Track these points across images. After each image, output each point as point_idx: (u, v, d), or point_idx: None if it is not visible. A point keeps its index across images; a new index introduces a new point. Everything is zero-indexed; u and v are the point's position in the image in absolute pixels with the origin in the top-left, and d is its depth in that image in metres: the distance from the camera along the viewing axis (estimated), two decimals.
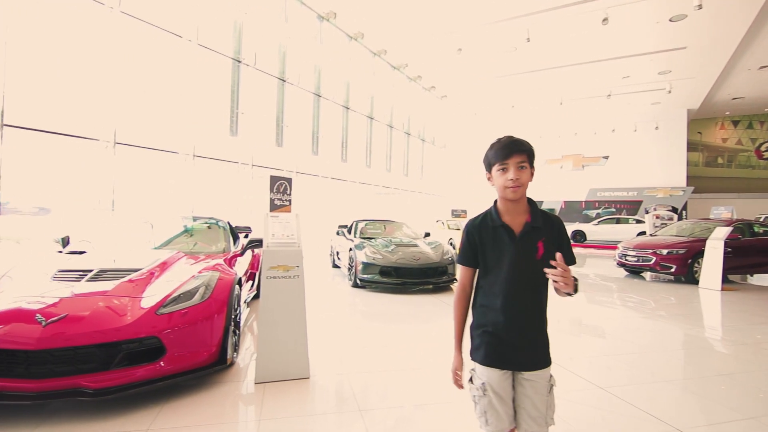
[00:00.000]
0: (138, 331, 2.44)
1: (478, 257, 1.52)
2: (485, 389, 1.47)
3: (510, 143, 1.45)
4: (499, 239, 1.48)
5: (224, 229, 4.73)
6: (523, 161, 1.43)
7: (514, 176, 1.42)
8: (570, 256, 1.46)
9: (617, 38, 11.83)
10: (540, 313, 1.50)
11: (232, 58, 9.33)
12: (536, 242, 1.44)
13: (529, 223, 1.46)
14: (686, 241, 8.83)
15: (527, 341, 1.46)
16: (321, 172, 12.23)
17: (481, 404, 1.48)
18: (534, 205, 1.50)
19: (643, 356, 3.79)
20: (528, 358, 1.46)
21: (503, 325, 1.45)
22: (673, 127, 19.65)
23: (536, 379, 1.45)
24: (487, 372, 1.47)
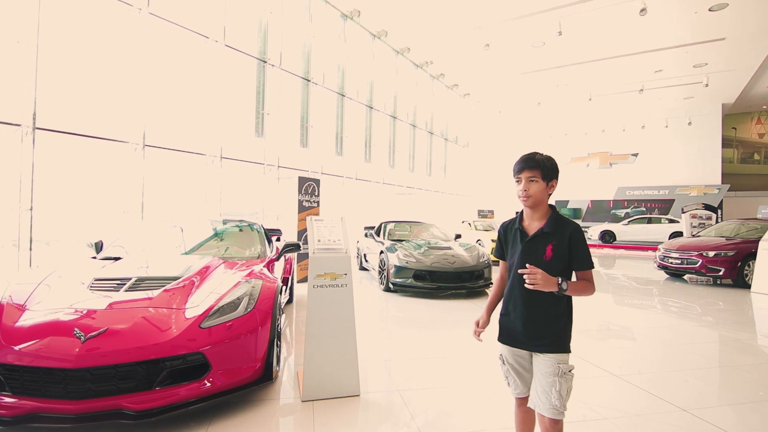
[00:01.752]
0: (182, 347, 2.25)
1: (505, 253, 1.85)
2: (503, 360, 1.83)
3: (525, 159, 1.71)
4: (515, 240, 1.77)
5: (259, 232, 4.54)
6: (533, 176, 1.68)
7: (524, 188, 1.69)
8: (583, 260, 1.66)
9: (652, 30, 11.30)
10: (547, 306, 1.66)
11: (257, 58, 9.22)
12: (545, 246, 1.67)
13: (541, 229, 1.69)
14: (735, 243, 8.31)
15: (530, 327, 1.68)
16: (345, 172, 12.05)
17: (503, 370, 1.84)
18: (554, 212, 1.72)
19: (712, 372, 3.44)
20: (531, 341, 1.69)
21: (512, 311, 1.74)
22: (707, 123, 18.84)
23: (543, 360, 1.67)
24: (501, 347, 1.82)
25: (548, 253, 1.65)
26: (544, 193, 1.69)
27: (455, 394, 2.91)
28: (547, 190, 1.69)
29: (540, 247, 1.67)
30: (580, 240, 1.67)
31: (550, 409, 1.62)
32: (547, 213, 1.72)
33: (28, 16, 5.53)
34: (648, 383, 3.13)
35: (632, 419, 2.55)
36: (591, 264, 1.67)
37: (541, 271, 1.58)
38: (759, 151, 20.83)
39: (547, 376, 1.64)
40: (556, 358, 1.64)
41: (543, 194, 1.69)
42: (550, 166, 1.70)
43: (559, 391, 1.61)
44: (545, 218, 1.71)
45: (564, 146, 21.69)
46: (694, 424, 2.51)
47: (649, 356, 3.87)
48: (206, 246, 4.25)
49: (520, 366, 1.76)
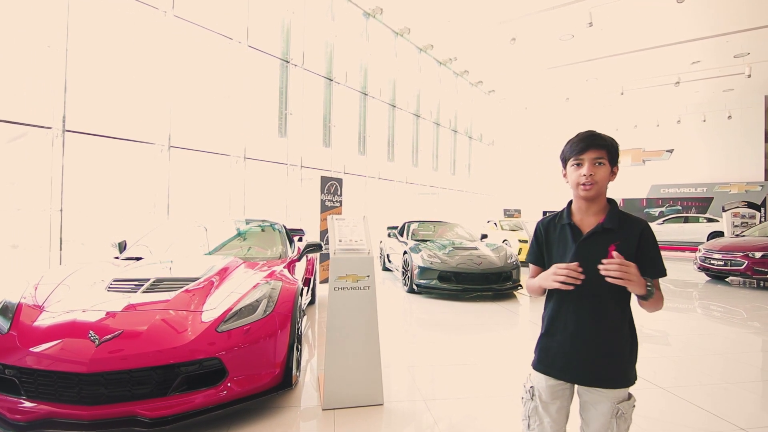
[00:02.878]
0: (198, 352, 2.15)
1: (544, 256, 1.48)
2: (533, 394, 1.44)
3: (588, 136, 1.37)
4: (564, 239, 1.41)
5: (280, 232, 4.47)
6: (600, 157, 1.34)
7: (588, 172, 1.33)
8: (657, 265, 1.33)
9: (689, 19, 10.70)
10: (614, 325, 1.34)
11: (280, 58, 9.21)
12: (607, 245, 1.30)
13: (600, 224, 1.35)
14: None
15: (590, 353, 1.34)
16: (368, 172, 11.93)
17: (526, 407, 1.46)
18: (614, 205, 1.40)
19: None
20: (585, 372, 1.35)
21: (562, 330, 1.39)
22: (748, 116, 17.80)
23: (598, 397, 1.34)
24: (537, 378, 1.44)
25: (610, 255, 1.29)
26: (608, 180, 1.36)
27: (486, 405, 2.72)
28: (610, 177, 1.37)
29: (600, 248, 1.31)
30: (653, 240, 1.34)
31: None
32: (606, 207, 1.39)
33: (57, 21, 5.64)
34: (701, 398, 2.86)
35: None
36: (665, 270, 1.34)
37: (634, 265, 1.23)
38: None
39: (602, 417, 1.33)
40: (615, 395, 1.33)
41: (607, 182, 1.36)
42: (617, 146, 1.38)
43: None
44: (604, 213, 1.37)
45: None
46: None
47: (698, 367, 3.56)
48: (228, 246, 4.20)
49: (555, 406, 1.41)
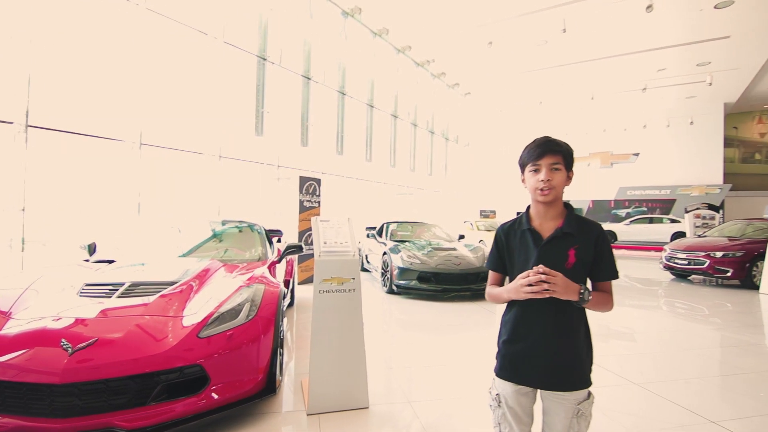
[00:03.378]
0: (179, 359, 2.08)
1: (506, 262, 1.48)
2: (500, 401, 1.45)
3: (544, 142, 1.39)
4: (525, 244, 1.42)
5: (260, 233, 4.37)
6: (556, 162, 1.36)
7: (546, 177, 1.35)
8: (610, 268, 1.38)
9: (657, 28, 11.17)
10: (571, 329, 1.36)
11: (257, 55, 9.04)
12: (566, 250, 1.35)
13: (560, 228, 1.37)
14: (742, 243, 8.17)
15: (548, 358, 1.36)
16: (346, 172, 11.88)
17: (496, 415, 1.47)
18: (571, 209, 1.42)
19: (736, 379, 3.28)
20: (547, 376, 1.37)
21: (523, 336, 1.40)
22: (708, 122, 18.72)
23: (559, 400, 1.36)
24: (502, 384, 1.45)
25: (571, 259, 1.34)
26: (564, 185, 1.38)
27: (471, 405, 2.75)
28: (566, 182, 1.39)
29: (560, 252, 1.35)
30: (607, 243, 1.38)
31: None
32: (563, 211, 1.41)
33: (22, 11, 5.35)
34: (672, 393, 2.97)
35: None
36: (617, 273, 1.39)
37: (560, 274, 1.27)
38: (760, 151, 20.73)
39: (562, 418, 1.36)
40: (575, 397, 1.36)
41: (563, 186, 1.39)
42: (571, 152, 1.41)
43: None
44: (562, 217, 1.40)
45: None
46: None
47: (668, 363, 3.71)
48: (205, 248, 4.08)
49: (523, 410, 1.43)
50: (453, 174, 19.08)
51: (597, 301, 1.33)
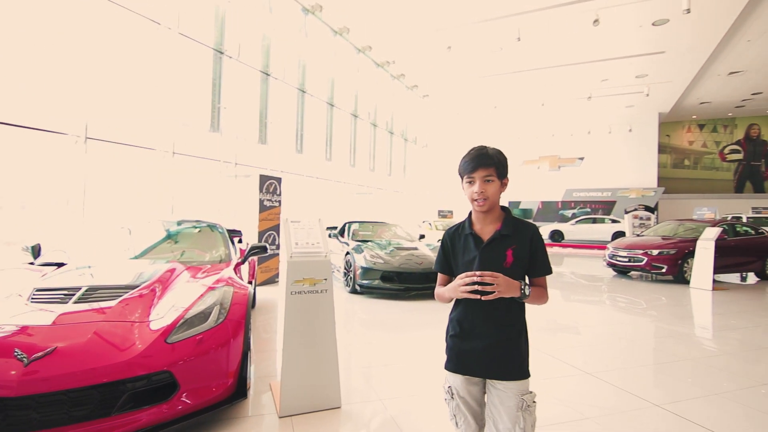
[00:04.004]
0: (146, 366, 1.99)
1: (452, 265, 1.57)
2: (452, 393, 1.54)
3: (477, 156, 1.46)
4: (468, 247, 1.51)
5: (222, 234, 4.24)
6: (489, 175, 1.45)
7: (479, 189, 1.45)
8: (543, 265, 1.48)
9: (602, 41, 11.94)
10: (509, 323, 1.47)
11: (213, 49, 8.71)
12: (504, 250, 1.46)
13: (498, 231, 1.47)
14: (675, 242, 8.94)
15: (491, 350, 1.46)
16: (305, 171, 11.72)
17: (450, 407, 1.55)
18: (508, 213, 1.53)
19: (673, 366, 3.62)
20: (491, 366, 1.46)
21: (467, 331, 1.49)
22: (645, 130, 20.26)
23: (504, 390, 1.45)
24: (452, 377, 1.53)
25: (509, 258, 1.44)
26: (499, 193, 1.48)
27: (438, 400, 2.83)
28: (501, 189, 1.49)
29: (500, 252, 1.45)
30: (541, 243, 1.50)
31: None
32: (501, 215, 1.52)
33: None
34: (619, 380, 3.23)
35: (612, 417, 2.60)
36: (550, 269, 1.50)
37: (502, 275, 1.37)
38: (689, 157, 22.70)
39: (510, 411, 1.43)
40: (519, 388, 1.44)
41: (498, 194, 1.48)
42: (504, 161, 1.49)
43: (523, 429, 1.42)
44: (500, 220, 1.51)
45: (517, 149, 22.51)
46: (668, 418, 2.60)
47: (614, 353, 4.01)
48: (163, 249, 3.91)
49: (474, 400, 1.52)
50: (412, 174, 19.36)
51: (534, 295, 1.44)
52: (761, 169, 20.95)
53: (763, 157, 20.91)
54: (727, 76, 15.18)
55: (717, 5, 9.69)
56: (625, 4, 9.67)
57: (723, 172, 21.92)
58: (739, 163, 21.46)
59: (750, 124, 21.15)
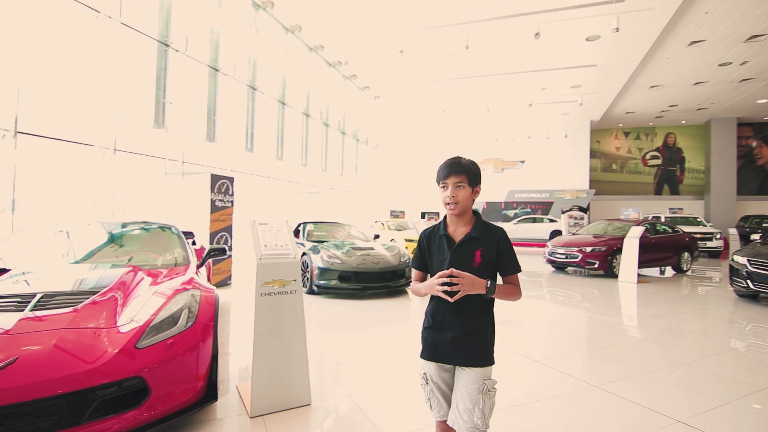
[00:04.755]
0: (117, 372, 1.96)
1: (427, 263, 1.73)
2: (427, 378, 1.70)
3: (451, 165, 1.64)
4: (441, 247, 1.66)
5: (178, 236, 4.12)
6: (460, 181, 1.61)
7: (451, 194, 1.61)
8: (511, 264, 1.63)
9: (541, 52, 12.76)
10: (477, 315, 1.61)
11: (158, 41, 8.29)
12: (474, 251, 1.60)
13: (468, 234, 1.62)
14: (605, 240, 9.81)
15: (459, 339, 1.60)
16: (256, 170, 11.46)
17: (425, 391, 1.72)
18: (478, 218, 1.67)
19: (608, 351, 4.05)
20: (458, 354, 1.60)
21: (439, 323, 1.64)
22: (578, 136, 21.84)
23: (469, 375, 1.59)
24: (427, 365, 1.70)
25: (477, 259, 1.59)
26: (470, 199, 1.63)
27: (402, 392, 2.99)
28: (472, 196, 1.64)
29: (469, 253, 1.59)
30: (508, 244, 1.64)
31: (471, 428, 1.56)
32: (473, 218, 1.66)
33: None
34: (562, 365, 3.57)
35: (558, 398, 2.89)
36: (519, 267, 1.64)
37: (466, 274, 1.50)
38: (616, 162, 24.76)
39: (472, 393, 1.57)
40: (481, 374, 1.59)
41: (470, 200, 1.63)
42: (475, 170, 1.65)
43: (482, 409, 1.56)
44: (471, 224, 1.65)
45: (463, 152, 22.94)
46: (604, 397, 2.93)
47: (556, 341, 4.40)
48: (114, 252, 3.74)
49: (445, 384, 1.67)
50: (364, 175, 19.50)
51: (503, 292, 1.59)
52: (676, 173, 23.36)
53: (678, 163, 23.33)
54: (648, 89, 16.77)
55: (641, 26, 10.73)
56: (563, 20, 10.44)
57: (645, 175, 24.13)
58: (658, 167, 23.75)
59: (667, 133, 23.51)
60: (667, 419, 2.61)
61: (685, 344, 4.42)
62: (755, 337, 4.73)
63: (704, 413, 2.71)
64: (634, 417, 2.65)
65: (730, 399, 2.95)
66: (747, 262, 6.45)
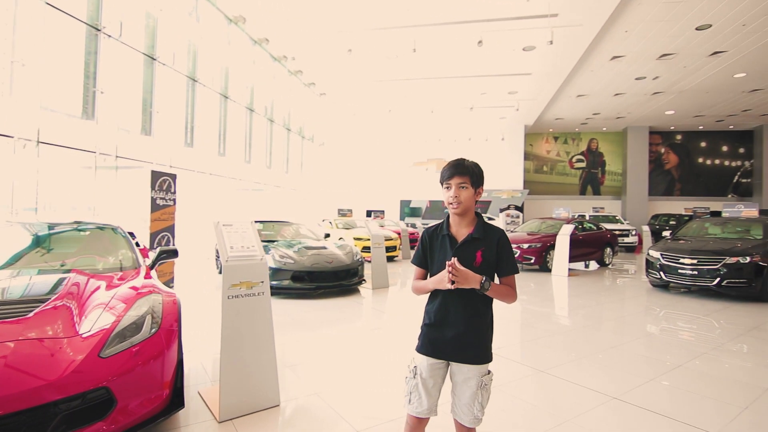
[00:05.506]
0: (81, 383, 1.85)
1: (428, 261, 1.76)
2: (415, 372, 1.70)
3: (454, 166, 1.68)
4: (444, 246, 1.70)
5: (125, 237, 3.87)
6: (464, 182, 1.65)
7: (454, 194, 1.65)
8: (509, 265, 1.67)
9: (483, 59, 13.41)
10: (480, 315, 1.65)
11: (88, 24, 7.62)
12: (475, 251, 1.64)
13: (470, 234, 1.66)
14: (540, 237, 10.57)
15: (459, 337, 1.62)
16: (197, 166, 10.90)
17: (409, 385, 1.71)
18: (480, 219, 1.72)
19: (548, 339, 4.44)
20: (458, 352, 1.64)
21: (439, 320, 1.66)
22: (514, 139, 23.19)
23: (468, 372, 1.64)
24: (420, 359, 1.70)
25: (478, 259, 1.62)
26: (473, 199, 1.66)
27: (374, 386, 3.08)
28: (475, 197, 1.67)
29: (470, 253, 1.63)
30: (507, 245, 1.67)
31: (472, 421, 1.65)
32: (474, 219, 1.70)
33: None
34: (511, 354, 3.86)
35: (511, 384, 3.14)
36: (516, 268, 1.68)
37: (463, 268, 1.53)
38: (546, 164, 26.60)
39: (471, 389, 1.63)
40: (480, 371, 1.63)
41: (472, 201, 1.66)
42: (478, 172, 1.69)
43: (481, 402, 1.64)
44: (473, 224, 1.68)
45: (408, 151, 23.91)
46: (552, 380, 3.23)
47: (504, 333, 4.72)
48: (55, 255, 3.44)
49: (434, 381, 1.69)
50: (309, 172, 19.23)
51: (497, 291, 1.61)
52: (598, 175, 25.60)
53: (600, 166, 25.58)
54: (576, 98, 18.22)
55: (571, 40, 11.66)
56: (504, 30, 11.06)
57: (571, 177, 26.18)
58: (583, 170, 25.89)
59: (591, 138, 25.68)
60: (605, 396, 2.94)
61: (613, 330, 4.94)
62: (668, 322, 5.40)
63: (635, 389, 3.09)
64: (579, 397, 2.95)
65: (654, 376, 3.38)
66: (660, 256, 7.31)
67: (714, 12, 10.13)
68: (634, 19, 10.61)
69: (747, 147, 23.77)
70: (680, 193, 24.55)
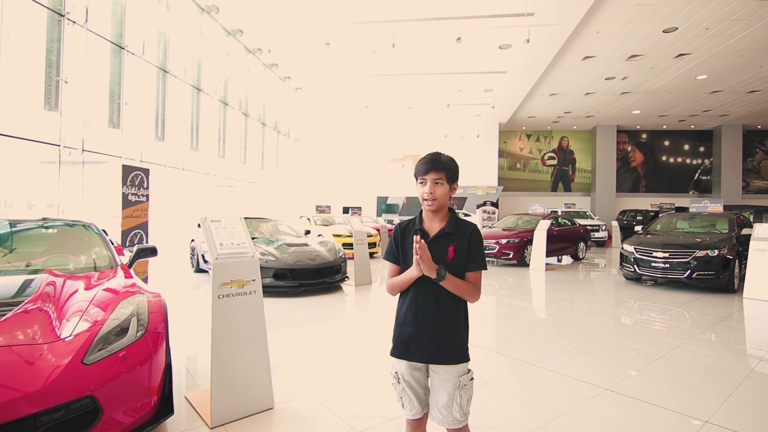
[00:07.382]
0: (64, 393, 1.70)
1: (399, 256, 1.70)
2: (398, 378, 1.66)
3: (430, 161, 1.61)
4: None
5: (100, 235, 3.64)
6: (439, 178, 1.59)
7: (429, 190, 1.59)
8: (477, 259, 1.60)
9: (460, 56, 13.49)
10: (450, 312, 1.59)
11: (50, 9, 7.15)
12: (447, 246, 1.60)
13: (442, 229, 1.62)
14: (517, 232, 10.75)
15: (432, 336, 1.57)
16: (168, 161, 10.48)
17: (397, 390, 1.68)
18: (453, 214, 1.67)
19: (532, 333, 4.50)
20: (432, 352, 1.58)
21: (411, 320, 1.60)
22: (489, 137, 23.52)
23: (444, 373, 1.58)
24: (398, 363, 1.66)
25: (450, 254, 1.58)
26: (447, 195, 1.62)
27: (367, 385, 3.01)
28: (450, 193, 1.62)
29: (442, 248, 1.59)
30: (477, 240, 1.62)
31: (452, 422, 1.58)
32: (447, 215, 1.65)
33: None
34: (501, 348, 3.88)
35: (505, 378, 3.15)
36: (484, 265, 1.61)
37: (428, 255, 1.50)
38: (519, 161, 27.14)
39: (448, 390, 1.56)
40: (457, 371, 1.58)
41: (447, 197, 1.62)
42: (454, 168, 1.65)
43: (460, 404, 1.57)
44: (445, 220, 1.64)
45: (384, 147, 23.85)
46: (542, 373, 3.26)
47: (489, 327, 4.75)
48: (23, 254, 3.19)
49: (417, 383, 1.64)
50: (285, 168, 18.88)
51: (456, 285, 1.54)
52: (569, 172, 26.32)
53: (570, 163, 26.30)
54: (548, 97, 18.62)
55: (546, 39, 11.87)
56: (482, 28, 11.14)
57: (543, 174, 26.80)
58: (554, 167, 26.55)
59: (562, 137, 26.36)
60: (598, 388, 2.99)
61: (595, 322, 5.06)
62: (645, 314, 5.58)
63: (624, 380, 3.15)
64: (570, 389, 2.99)
65: (641, 366, 3.47)
66: (634, 249, 7.56)
67: (680, 15, 10.54)
68: (606, 20, 10.91)
69: (707, 146, 25.00)
70: (645, 189, 25.56)
